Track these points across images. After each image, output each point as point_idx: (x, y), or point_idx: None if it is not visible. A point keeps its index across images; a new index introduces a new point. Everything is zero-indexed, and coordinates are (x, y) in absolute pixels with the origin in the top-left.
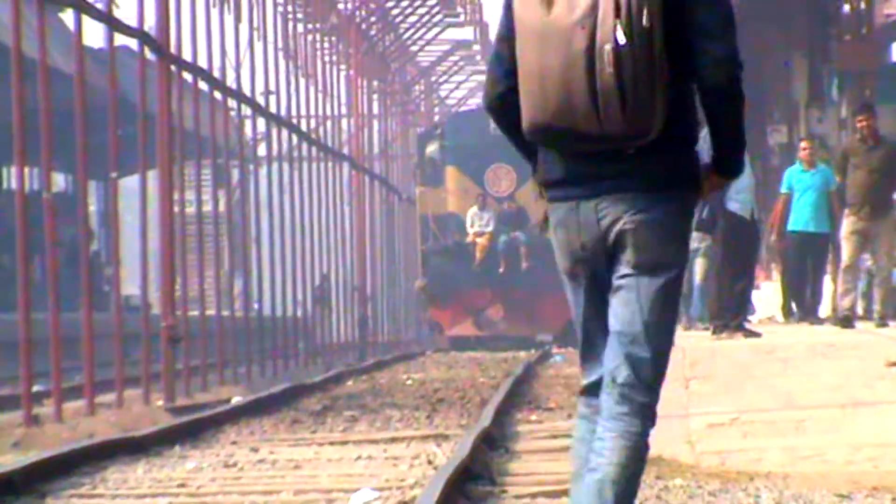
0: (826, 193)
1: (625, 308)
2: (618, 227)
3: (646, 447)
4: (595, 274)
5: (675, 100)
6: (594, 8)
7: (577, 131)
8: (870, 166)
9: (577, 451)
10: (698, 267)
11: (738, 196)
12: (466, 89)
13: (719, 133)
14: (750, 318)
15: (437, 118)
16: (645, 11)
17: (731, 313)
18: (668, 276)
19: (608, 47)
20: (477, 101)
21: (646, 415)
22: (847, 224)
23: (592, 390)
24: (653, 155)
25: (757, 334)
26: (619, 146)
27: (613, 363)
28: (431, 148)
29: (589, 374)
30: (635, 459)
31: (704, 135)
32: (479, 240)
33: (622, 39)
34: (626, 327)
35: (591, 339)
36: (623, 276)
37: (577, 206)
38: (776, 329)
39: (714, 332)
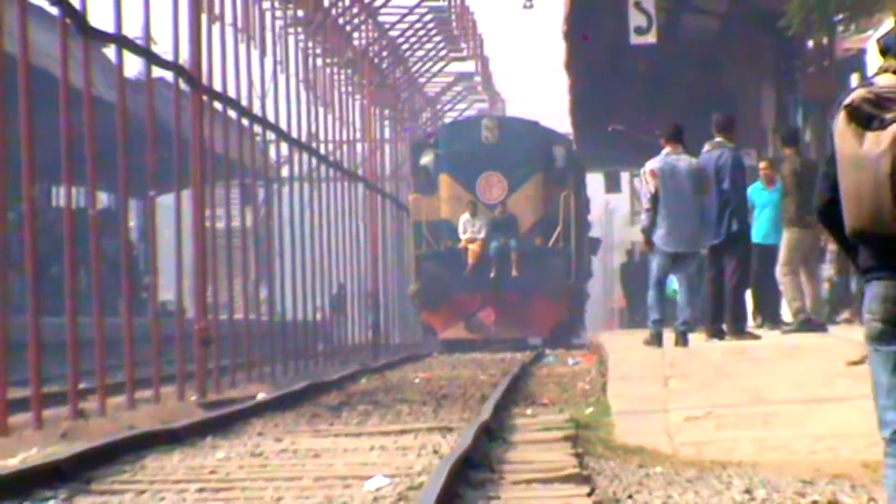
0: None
1: None
2: None
3: None
4: None
5: None
6: (895, 142)
7: (887, 234)
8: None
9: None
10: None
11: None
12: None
13: None
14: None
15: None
16: None
17: (742, 318)
18: None
19: None
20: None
21: None
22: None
23: None
24: None
25: (757, 336)
26: None
27: None
28: (425, 157)
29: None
30: None
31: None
32: (470, 246)
33: None
34: None
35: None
36: None
37: None
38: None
39: (730, 335)
